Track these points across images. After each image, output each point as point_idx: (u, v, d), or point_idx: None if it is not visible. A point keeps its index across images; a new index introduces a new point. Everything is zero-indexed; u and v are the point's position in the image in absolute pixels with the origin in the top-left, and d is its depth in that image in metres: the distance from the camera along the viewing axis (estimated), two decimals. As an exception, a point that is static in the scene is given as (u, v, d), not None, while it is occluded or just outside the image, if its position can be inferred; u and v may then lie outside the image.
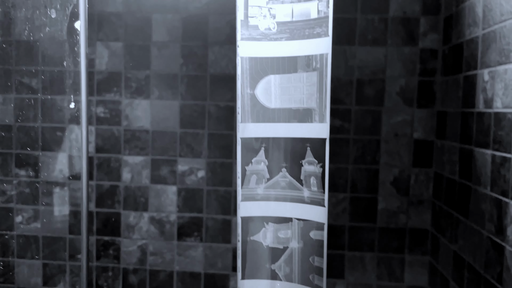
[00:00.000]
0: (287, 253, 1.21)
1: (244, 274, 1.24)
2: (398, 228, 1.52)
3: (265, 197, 1.21)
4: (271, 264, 1.23)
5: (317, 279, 1.19)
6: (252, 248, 1.23)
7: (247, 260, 1.24)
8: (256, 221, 1.23)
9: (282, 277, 1.22)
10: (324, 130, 1.15)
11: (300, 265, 1.21)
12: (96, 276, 1.62)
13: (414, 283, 1.53)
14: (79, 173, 1.60)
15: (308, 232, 1.19)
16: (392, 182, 1.52)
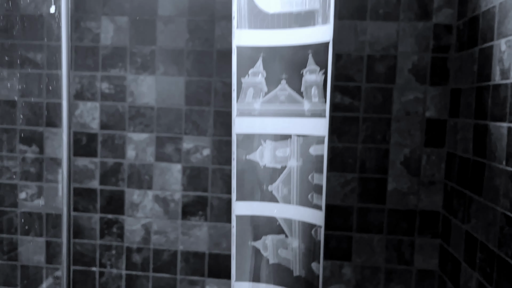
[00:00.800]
0: (285, 173, 1.13)
1: (238, 195, 1.17)
2: (408, 210, 1.48)
3: (262, 113, 1.13)
4: (268, 185, 1.15)
5: (316, 197, 1.11)
6: (247, 168, 1.15)
7: (242, 181, 1.16)
8: (252, 138, 1.14)
9: (279, 199, 1.15)
10: (327, 32, 1.06)
11: (299, 185, 1.13)
12: (99, 255, 1.60)
13: (424, 266, 1.48)
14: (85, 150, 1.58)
15: (307, 149, 1.10)
16: (402, 162, 1.47)
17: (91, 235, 1.60)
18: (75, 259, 1.61)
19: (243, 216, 1.20)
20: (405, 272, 1.49)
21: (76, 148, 1.58)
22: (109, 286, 1.60)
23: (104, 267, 1.60)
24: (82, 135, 1.58)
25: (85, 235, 1.60)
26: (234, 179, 1.17)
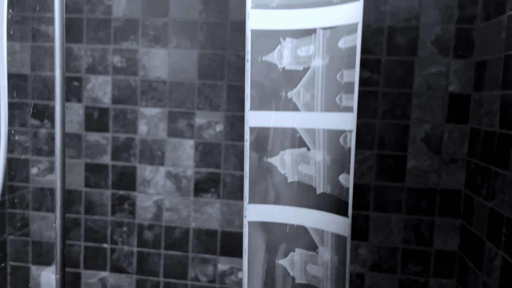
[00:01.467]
0: (308, 75, 0.99)
1: (252, 104, 1.04)
2: (428, 189, 1.42)
3: (282, 4, 0.97)
4: (287, 92, 1.02)
5: (345, 99, 0.96)
6: (264, 72, 1.00)
7: (258, 88, 1.02)
8: (269, 36, 0.99)
9: (300, 107, 1.02)
10: None
11: (324, 87, 0.98)
12: (111, 231, 1.58)
13: (443, 247, 1.42)
14: (96, 125, 1.55)
15: (336, 42, 0.95)
16: (423, 139, 1.41)
17: (103, 211, 1.58)
18: (87, 236, 1.59)
19: (257, 128, 1.06)
20: (424, 253, 1.43)
21: (87, 123, 1.56)
22: (121, 263, 1.59)
23: (115, 244, 1.58)
24: (93, 109, 1.55)
25: (97, 211, 1.58)
26: (248, 84, 1.03)
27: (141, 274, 1.58)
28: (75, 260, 1.61)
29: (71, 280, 1.62)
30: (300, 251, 1.07)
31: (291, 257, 1.08)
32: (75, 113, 1.56)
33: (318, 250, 1.04)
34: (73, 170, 1.58)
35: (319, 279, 1.04)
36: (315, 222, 1.04)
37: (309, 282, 1.06)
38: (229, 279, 1.53)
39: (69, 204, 1.59)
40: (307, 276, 1.06)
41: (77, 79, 1.55)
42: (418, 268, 1.44)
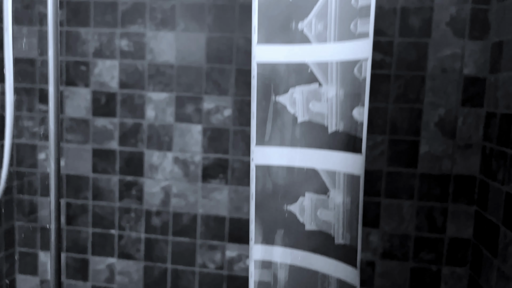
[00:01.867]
0: (321, 3, 0.92)
1: (260, 37, 0.98)
2: (441, 175, 1.38)
3: None
4: (298, 23, 0.96)
5: (360, 24, 0.89)
6: (272, 1, 0.93)
7: (265, 18, 0.95)
8: None
9: (312, 38, 0.96)
10: None
11: (338, 15, 0.91)
12: (118, 217, 1.57)
13: (457, 234, 1.39)
14: (105, 110, 1.54)
15: None
16: (437, 123, 1.37)
17: (110, 197, 1.57)
18: (94, 222, 1.59)
19: (265, 64, 1.00)
20: (437, 241, 1.40)
21: (95, 108, 1.55)
22: (128, 249, 1.57)
23: (123, 230, 1.57)
24: (101, 94, 1.54)
25: (104, 197, 1.57)
26: (255, 14, 0.97)
27: (149, 261, 1.57)
28: (83, 246, 1.60)
29: (79, 266, 1.61)
30: (310, 195, 1.02)
31: (301, 202, 1.03)
32: (83, 98, 1.55)
33: (329, 193, 0.99)
34: (81, 156, 1.57)
35: (330, 224, 0.99)
36: (327, 163, 0.98)
37: (320, 228, 1.01)
38: (238, 266, 1.51)
39: (77, 190, 1.59)
40: (317, 221, 1.01)
41: (84, 64, 1.53)
42: (430, 256, 1.41)
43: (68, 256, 1.61)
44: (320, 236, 1.01)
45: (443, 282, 1.41)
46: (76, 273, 1.62)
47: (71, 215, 1.60)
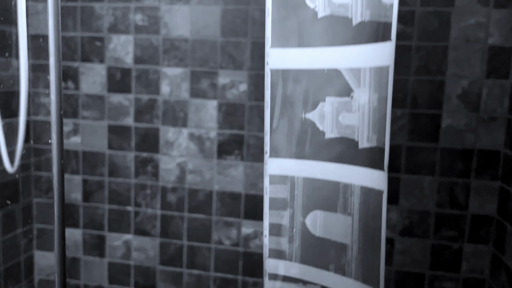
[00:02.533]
0: None
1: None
2: (464, 149, 1.33)
3: None
4: None
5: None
6: None
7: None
8: None
9: None
10: None
11: None
12: (134, 194, 1.57)
13: (479, 211, 1.34)
14: (120, 86, 1.53)
15: None
16: (460, 96, 1.32)
17: (126, 174, 1.57)
18: (110, 198, 1.59)
19: None
20: (458, 218, 1.36)
21: (110, 84, 1.54)
22: (144, 226, 1.58)
23: (139, 206, 1.57)
24: (116, 70, 1.53)
25: (120, 173, 1.57)
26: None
27: (165, 237, 1.56)
28: (100, 223, 1.61)
29: (96, 243, 1.62)
30: (331, 99, 0.93)
31: (321, 108, 0.95)
32: (98, 74, 1.54)
33: (353, 94, 0.91)
34: (96, 132, 1.57)
35: (353, 128, 0.92)
36: (351, 61, 0.89)
37: (342, 134, 0.93)
38: (253, 243, 1.50)
39: (93, 167, 1.59)
40: (339, 127, 0.94)
41: (99, 39, 1.52)
42: (451, 233, 1.37)
43: (85, 233, 1.63)
44: (342, 143, 0.93)
45: (464, 259, 1.37)
46: (93, 249, 1.63)
47: (87, 192, 1.60)
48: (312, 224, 0.98)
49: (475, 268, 1.36)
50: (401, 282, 1.41)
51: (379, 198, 0.88)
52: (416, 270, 1.40)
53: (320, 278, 0.98)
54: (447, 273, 1.38)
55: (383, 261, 0.88)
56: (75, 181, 1.61)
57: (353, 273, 0.93)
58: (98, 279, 1.64)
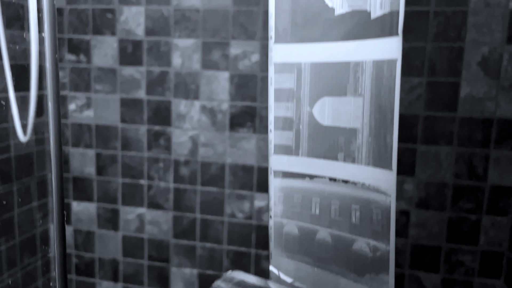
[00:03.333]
0: None
1: None
2: (483, 118, 1.29)
3: None
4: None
5: None
6: None
7: None
8: None
9: None
10: None
11: None
12: (147, 167, 1.57)
13: (499, 182, 1.30)
14: (131, 58, 1.52)
15: None
16: (479, 63, 1.28)
17: (139, 147, 1.57)
18: (124, 172, 1.59)
19: None
20: (477, 189, 1.32)
21: (122, 57, 1.53)
22: (157, 199, 1.58)
23: (152, 180, 1.57)
24: (127, 42, 1.52)
25: (133, 147, 1.57)
26: None
27: (178, 210, 1.56)
28: (113, 196, 1.61)
29: (110, 217, 1.63)
30: None
31: None
32: (109, 47, 1.53)
33: None
34: (109, 106, 1.57)
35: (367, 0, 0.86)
36: None
37: (353, 7, 0.87)
38: (266, 216, 1.49)
39: (106, 140, 1.59)
40: (350, 0, 0.88)
41: (110, 11, 1.51)
42: (469, 205, 1.33)
43: (99, 207, 1.63)
44: (354, 17, 0.87)
45: (482, 232, 1.33)
46: (107, 223, 1.64)
47: (101, 166, 1.61)
48: (320, 113, 0.92)
49: (493, 240, 1.33)
50: (417, 255, 1.39)
51: (392, 69, 0.82)
52: (433, 243, 1.37)
53: (328, 169, 0.92)
54: (465, 246, 1.35)
55: (395, 139, 0.83)
56: (89, 155, 1.62)
57: (363, 158, 0.87)
58: (112, 253, 1.65)
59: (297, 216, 0.94)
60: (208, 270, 1.57)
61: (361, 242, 0.85)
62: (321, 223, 0.91)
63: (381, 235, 0.81)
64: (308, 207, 0.94)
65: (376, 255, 0.80)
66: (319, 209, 0.90)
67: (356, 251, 0.84)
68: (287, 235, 0.92)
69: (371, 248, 0.81)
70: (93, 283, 1.69)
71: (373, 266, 0.81)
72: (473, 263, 1.35)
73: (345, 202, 0.87)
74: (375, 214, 0.84)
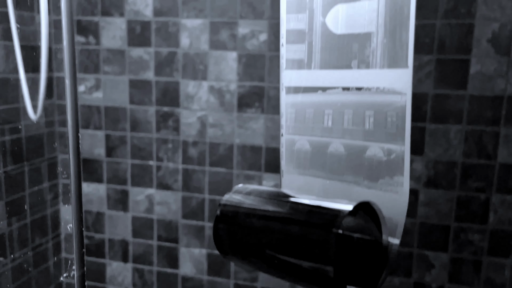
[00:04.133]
0: None
1: None
2: (494, 96, 1.28)
3: None
4: None
5: None
6: None
7: None
8: None
9: None
10: None
11: None
12: (156, 148, 1.58)
13: (508, 160, 1.30)
14: (141, 39, 1.53)
15: None
16: (490, 40, 1.26)
17: (148, 128, 1.58)
18: (133, 153, 1.60)
19: None
20: (486, 168, 1.32)
21: (130, 38, 1.53)
22: (166, 180, 1.59)
23: (161, 161, 1.58)
24: (136, 23, 1.52)
25: (142, 128, 1.58)
26: None
27: (187, 191, 1.58)
28: (123, 178, 1.63)
29: (119, 198, 1.65)
30: None
31: None
32: (118, 28, 1.54)
33: None
34: (117, 87, 1.58)
35: None
36: None
37: None
38: (274, 196, 1.49)
39: (115, 122, 1.60)
40: None
41: (118, -8, 1.52)
42: (479, 184, 1.33)
43: (108, 188, 1.65)
44: None
45: (492, 211, 1.33)
46: (117, 204, 1.65)
47: (110, 147, 1.62)
48: (333, 22, 0.89)
49: (503, 219, 1.32)
50: (425, 234, 1.39)
51: None
52: (441, 222, 1.37)
53: (341, 79, 0.88)
54: (474, 225, 1.35)
55: (412, 35, 0.78)
56: (98, 137, 1.63)
57: (378, 62, 0.84)
58: (122, 233, 1.67)
59: (309, 131, 0.91)
60: (217, 250, 1.58)
61: (374, 147, 0.82)
62: (333, 135, 0.88)
63: (395, 136, 0.79)
64: (320, 120, 0.91)
65: (390, 158, 0.78)
66: (331, 121, 0.88)
67: (369, 157, 0.81)
68: (298, 152, 0.91)
69: (385, 152, 0.78)
70: (103, 263, 1.71)
71: (387, 169, 0.78)
72: (482, 242, 1.35)
73: (359, 110, 0.84)
74: (390, 117, 0.81)
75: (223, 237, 0.61)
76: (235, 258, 0.61)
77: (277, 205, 0.58)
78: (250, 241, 0.56)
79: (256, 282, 1.56)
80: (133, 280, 1.69)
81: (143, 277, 1.67)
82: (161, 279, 1.66)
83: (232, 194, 0.65)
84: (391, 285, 1.44)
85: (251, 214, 0.58)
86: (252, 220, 0.57)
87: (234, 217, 0.60)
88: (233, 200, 0.63)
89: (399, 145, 0.76)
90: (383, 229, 0.66)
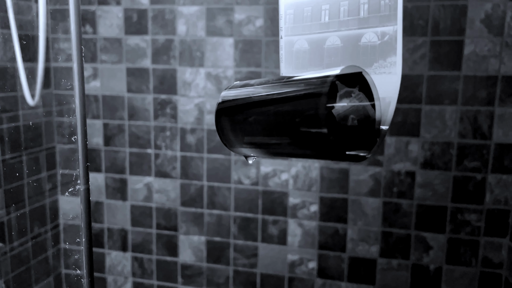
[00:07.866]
0: None
1: None
2: (488, 76, 1.30)
3: None
4: None
5: None
6: None
7: None
8: None
9: None
10: None
11: None
12: (154, 136, 1.58)
13: (503, 140, 1.31)
14: (139, 28, 1.54)
15: None
16: (483, 20, 1.28)
17: (145, 116, 1.58)
18: (131, 141, 1.61)
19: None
20: (482, 147, 1.33)
21: (127, 26, 1.54)
22: (165, 168, 1.59)
23: (159, 149, 1.59)
24: (132, 11, 1.53)
25: (140, 116, 1.59)
26: None
27: (185, 178, 1.58)
28: (121, 166, 1.63)
29: (118, 186, 1.65)
30: None
31: None
32: (115, 17, 1.55)
33: None
34: (115, 76, 1.58)
35: None
36: None
37: None
38: (272, 181, 1.50)
39: (113, 110, 1.61)
40: None
41: (115, -19, 1.53)
42: (475, 164, 1.34)
43: (107, 177, 1.66)
44: None
45: (488, 190, 1.34)
46: (115, 193, 1.66)
47: (108, 136, 1.63)
48: None
49: (499, 199, 1.34)
50: (422, 215, 1.40)
51: None
52: (438, 203, 1.38)
53: None
54: (470, 205, 1.36)
55: None
56: (96, 126, 1.63)
57: None
58: (121, 222, 1.67)
59: (307, 30, 0.92)
60: (216, 237, 1.59)
61: (369, 33, 0.82)
62: (330, 29, 0.89)
63: (388, 18, 0.79)
64: (317, 17, 0.92)
65: (384, 40, 0.78)
66: (328, 16, 0.89)
67: (364, 44, 0.82)
68: (297, 52, 0.92)
69: (379, 35, 0.79)
70: (102, 253, 1.71)
71: (381, 52, 0.79)
72: (479, 222, 1.36)
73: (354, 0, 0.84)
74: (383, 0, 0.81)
75: (225, 130, 0.64)
76: (240, 148, 0.63)
77: (271, 87, 0.60)
78: (249, 128, 0.59)
79: (255, 268, 1.57)
80: (132, 269, 1.69)
81: (143, 265, 1.68)
82: (160, 267, 1.66)
83: (228, 90, 0.67)
84: (389, 268, 1.45)
85: (247, 103, 0.60)
86: (248, 107, 0.59)
87: (232, 109, 0.62)
88: (230, 94, 0.66)
89: (392, 25, 0.76)
90: (373, 94, 0.66)
